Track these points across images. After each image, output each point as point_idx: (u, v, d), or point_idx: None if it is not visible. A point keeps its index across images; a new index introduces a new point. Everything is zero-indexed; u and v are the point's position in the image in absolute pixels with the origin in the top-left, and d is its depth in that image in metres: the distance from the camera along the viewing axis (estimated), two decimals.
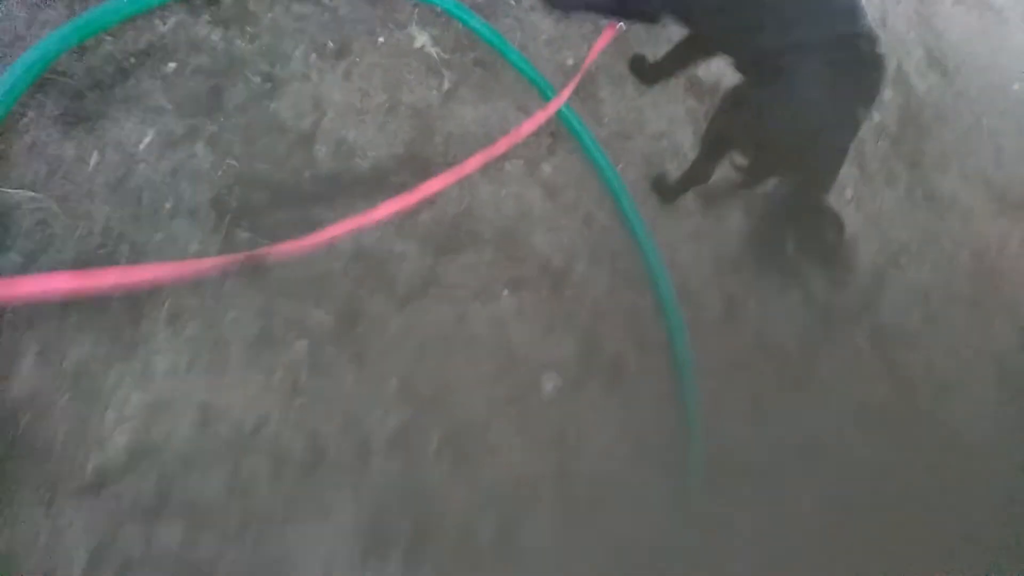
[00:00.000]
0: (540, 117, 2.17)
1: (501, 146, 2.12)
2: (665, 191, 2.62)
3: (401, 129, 2.13)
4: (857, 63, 1.96)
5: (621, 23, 2.42)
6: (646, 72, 2.73)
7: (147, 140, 1.78)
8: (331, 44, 2.09)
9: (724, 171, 2.43)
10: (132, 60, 1.82)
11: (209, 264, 1.67)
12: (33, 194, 1.60)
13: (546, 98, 2.43)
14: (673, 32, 2.47)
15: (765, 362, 2.64)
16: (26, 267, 1.54)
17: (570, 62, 2.60)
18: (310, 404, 1.78)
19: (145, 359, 1.60)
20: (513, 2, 2.53)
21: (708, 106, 2.95)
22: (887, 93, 3.64)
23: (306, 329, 1.82)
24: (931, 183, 3.58)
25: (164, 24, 1.88)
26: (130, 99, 1.79)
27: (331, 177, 1.97)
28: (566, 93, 2.27)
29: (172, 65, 1.87)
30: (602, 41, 2.44)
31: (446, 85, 2.24)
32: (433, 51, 2.26)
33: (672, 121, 2.81)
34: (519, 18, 2.54)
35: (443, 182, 1.92)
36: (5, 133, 1.62)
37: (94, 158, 1.70)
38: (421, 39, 2.25)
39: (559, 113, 2.43)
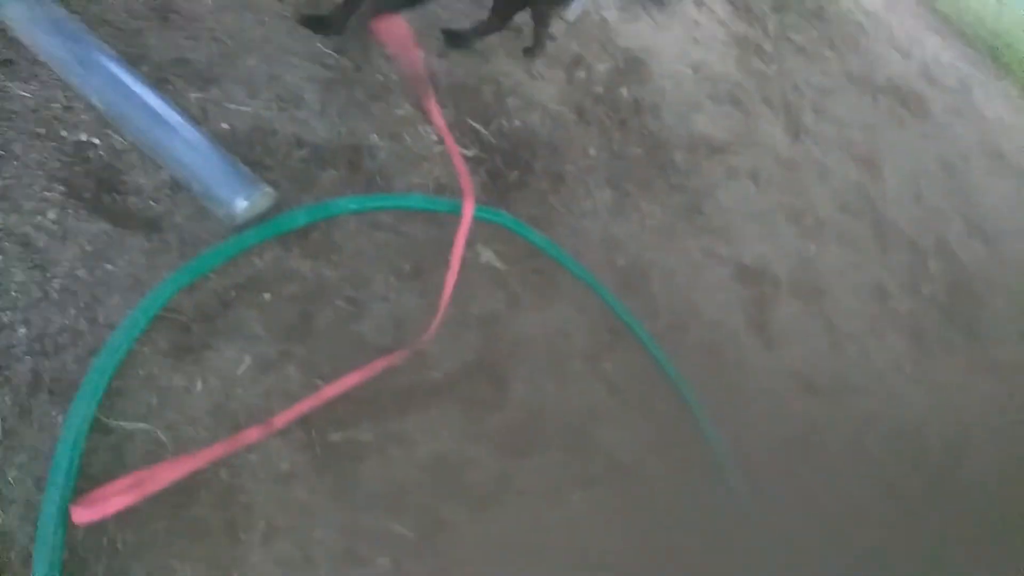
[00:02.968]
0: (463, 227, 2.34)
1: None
2: (458, 40, 3.00)
3: (471, 339, 2.29)
4: None
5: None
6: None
7: (244, 366, 1.95)
8: (407, 266, 2.30)
9: None
10: (233, 293, 2.04)
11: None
12: (145, 425, 1.75)
13: (605, 298, 2.60)
14: None
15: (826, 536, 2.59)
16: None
17: (620, 262, 2.78)
18: None
19: None
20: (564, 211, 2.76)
21: (755, 291, 3.09)
22: (931, 263, 3.74)
23: (388, 544, 1.88)
24: (991, 352, 3.58)
25: (261, 260, 2.11)
26: (231, 329, 1.98)
27: (408, 389, 2.11)
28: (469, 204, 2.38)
29: (267, 295, 2.08)
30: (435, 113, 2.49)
31: (510, 295, 2.42)
32: (497, 264, 2.46)
33: (723, 308, 2.94)
34: (571, 226, 2.76)
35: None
36: (124, 369, 1.80)
37: (198, 386, 1.87)
38: (486, 254, 2.46)
39: (616, 311, 2.59)
